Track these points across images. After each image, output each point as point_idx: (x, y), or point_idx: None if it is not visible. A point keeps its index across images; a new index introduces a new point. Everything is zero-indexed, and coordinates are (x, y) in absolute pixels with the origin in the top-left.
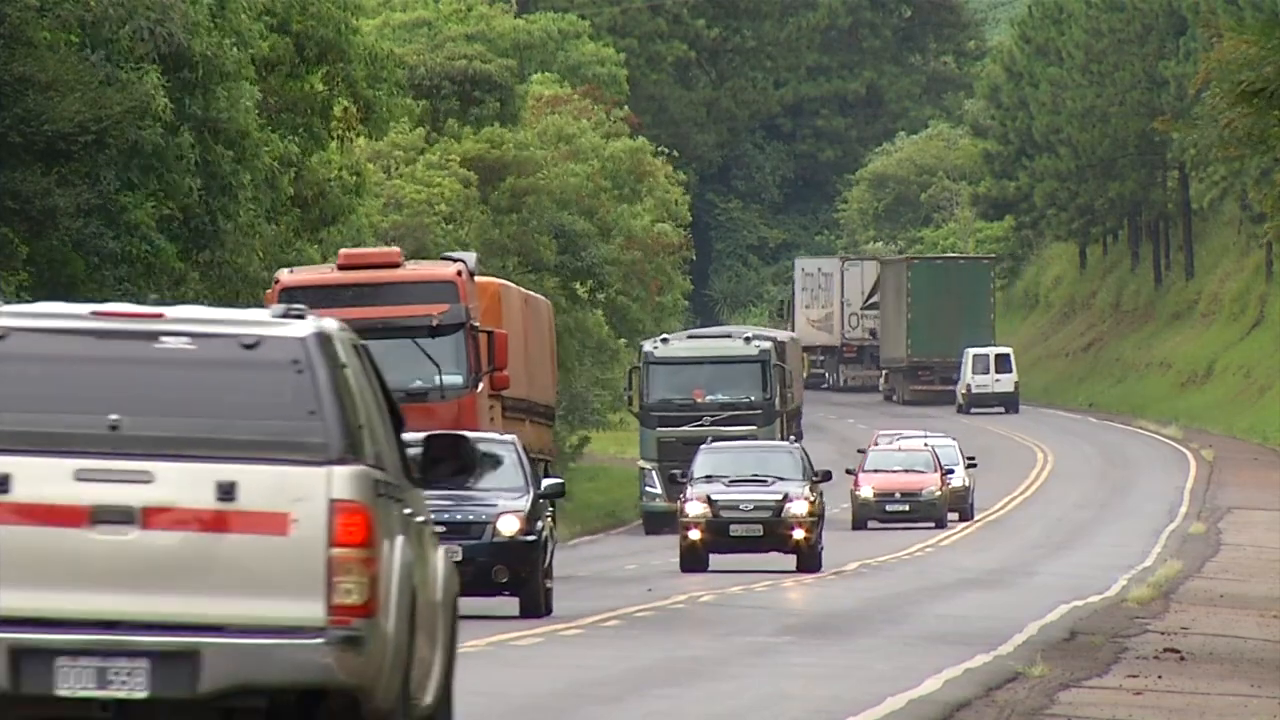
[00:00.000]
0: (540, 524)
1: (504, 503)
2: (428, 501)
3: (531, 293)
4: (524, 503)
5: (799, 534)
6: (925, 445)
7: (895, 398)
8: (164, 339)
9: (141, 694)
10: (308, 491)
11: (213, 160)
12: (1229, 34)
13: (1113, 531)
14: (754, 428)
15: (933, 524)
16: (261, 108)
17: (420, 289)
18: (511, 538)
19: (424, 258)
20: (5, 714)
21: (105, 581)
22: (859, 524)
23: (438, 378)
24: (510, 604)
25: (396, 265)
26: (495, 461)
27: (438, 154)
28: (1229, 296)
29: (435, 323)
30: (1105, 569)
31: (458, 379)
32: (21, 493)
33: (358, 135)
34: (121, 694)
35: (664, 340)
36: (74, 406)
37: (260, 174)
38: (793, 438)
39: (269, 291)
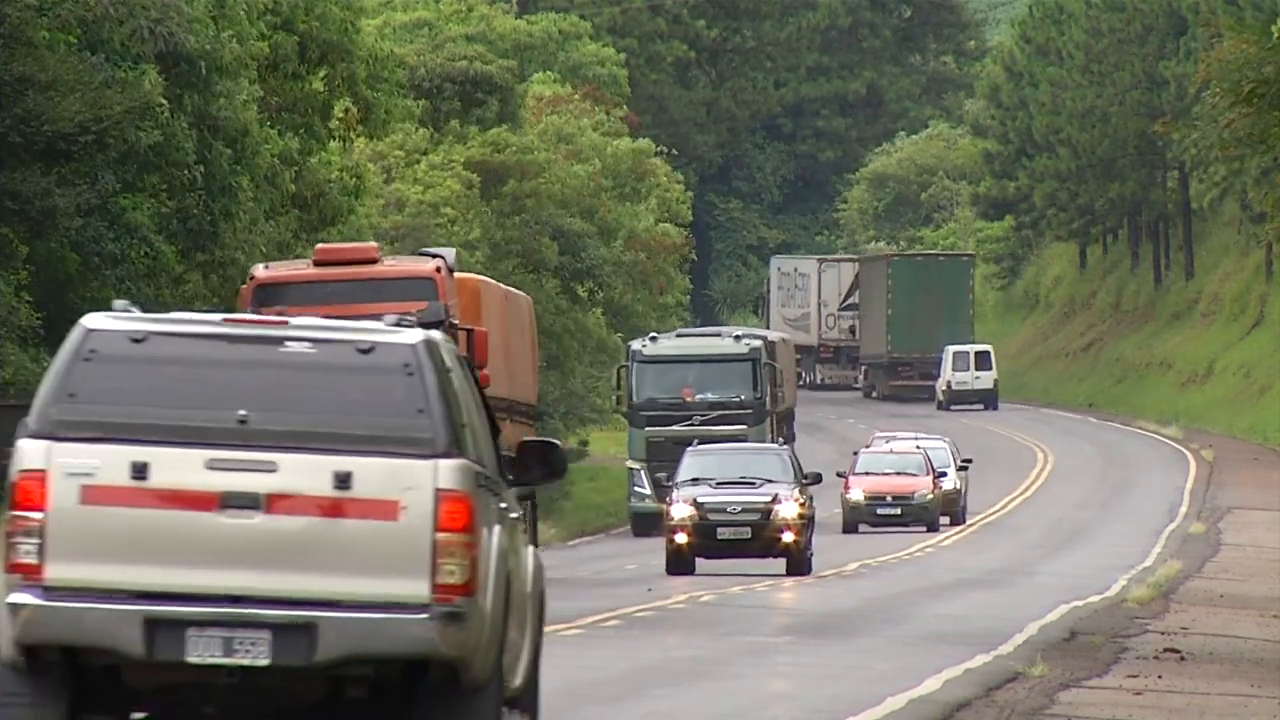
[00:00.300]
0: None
1: None
2: None
3: (511, 289)
4: None
5: (788, 537)
6: (917, 447)
7: (875, 394)
8: (288, 344)
9: (263, 662)
10: (416, 481)
11: (212, 159)
12: (1229, 34)
13: (1113, 531)
14: (744, 428)
15: (924, 527)
16: (262, 107)
17: (398, 285)
18: None
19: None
20: (140, 679)
21: (232, 560)
22: (849, 527)
23: None
24: None
25: (374, 261)
26: None
27: (441, 155)
28: (1229, 296)
29: (414, 320)
30: (1105, 569)
31: None
32: (158, 479)
33: (357, 136)
34: (245, 661)
35: (652, 339)
36: (206, 403)
37: (260, 172)
38: (781, 440)
39: (243, 287)
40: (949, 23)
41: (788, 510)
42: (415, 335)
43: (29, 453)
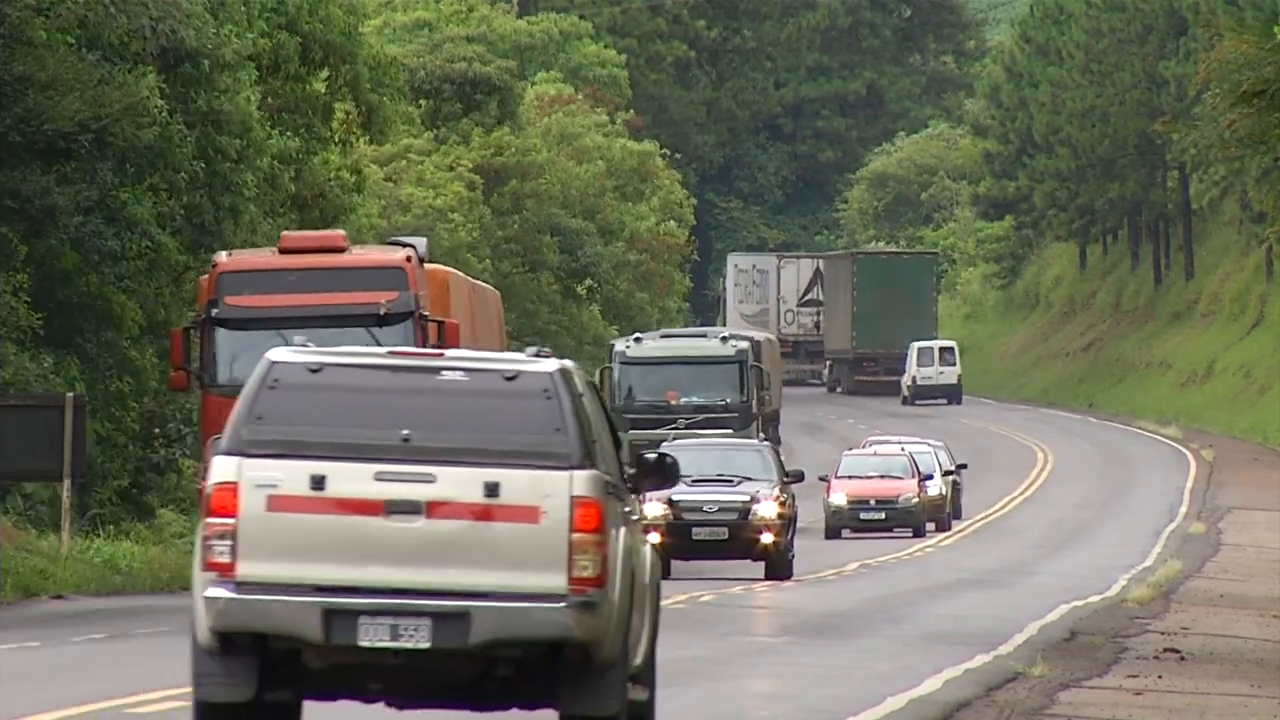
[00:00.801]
0: None
1: None
2: None
3: (479, 282)
4: None
5: (767, 538)
6: (902, 450)
7: (839, 388)
8: (444, 373)
9: (425, 645)
10: (554, 490)
11: (215, 157)
12: (1229, 34)
13: (1113, 531)
14: (729, 431)
15: (910, 532)
16: (263, 107)
17: (367, 275)
18: None
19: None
20: (318, 660)
21: (397, 559)
22: (832, 533)
23: None
24: None
25: (342, 250)
26: None
27: (448, 157)
28: (1229, 296)
29: (383, 311)
30: (1105, 569)
31: None
32: (333, 489)
33: (358, 139)
34: (409, 645)
35: (636, 339)
36: (374, 424)
37: (262, 170)
38: (763, 438)
39: (204, 276)
40: (949, 23)
41: (767, 510)
42: (553, 365)
43: (222, 467)
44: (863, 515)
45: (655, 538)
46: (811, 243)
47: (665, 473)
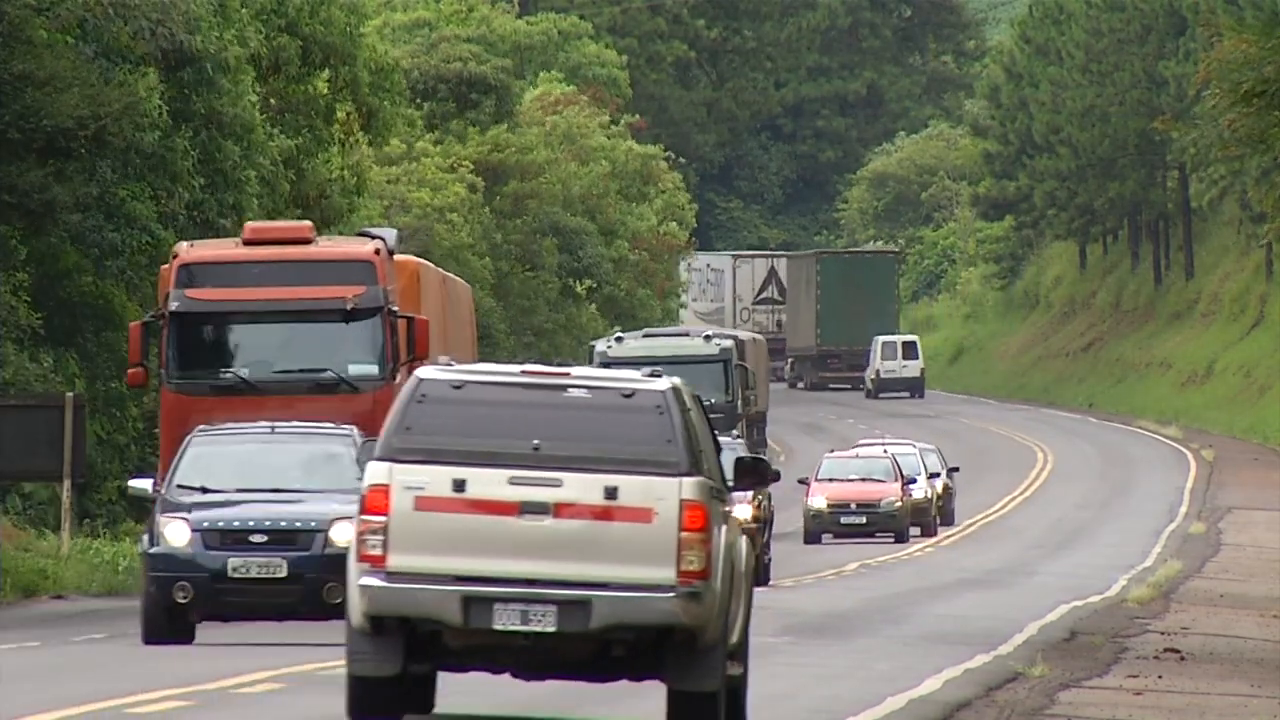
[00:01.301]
0: None
1: (338, 506)
2: (244, 502)
3: (450, 275)
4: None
5: None
6: (885, 452)
7: (801, 384)
8: (570, 390)
9: (550, 629)
10: (666, 494)
11: (218, 157)
12: (1229, 34)
13: (1113, 531)
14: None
15: (892, 537)
16: (264, 108)
17: (334, 268)
18: (348, 549)
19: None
20: (456, 640)
21: (528, 553)
22: (811, 538)
23: (351, 367)
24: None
25: (308, 241)
26: (328, 456)
27: (448, 159)
28: (1229, 296)
29: (350, 306)
30: (1105, 569)
31: (373, 369)
32: (473, 492)
33: (359, 141)
34: (537, 629)
35: (618, 339)
36: (508, 434)
37: (263, 169)
38: (736, 434)
39: (165, 266)
40: (949, 23)
41: (738, 512)
42: (665, 384)
43: (376, 471)
44: (843, 519)
45: None
46: (811, 243)
47: (759, 473)
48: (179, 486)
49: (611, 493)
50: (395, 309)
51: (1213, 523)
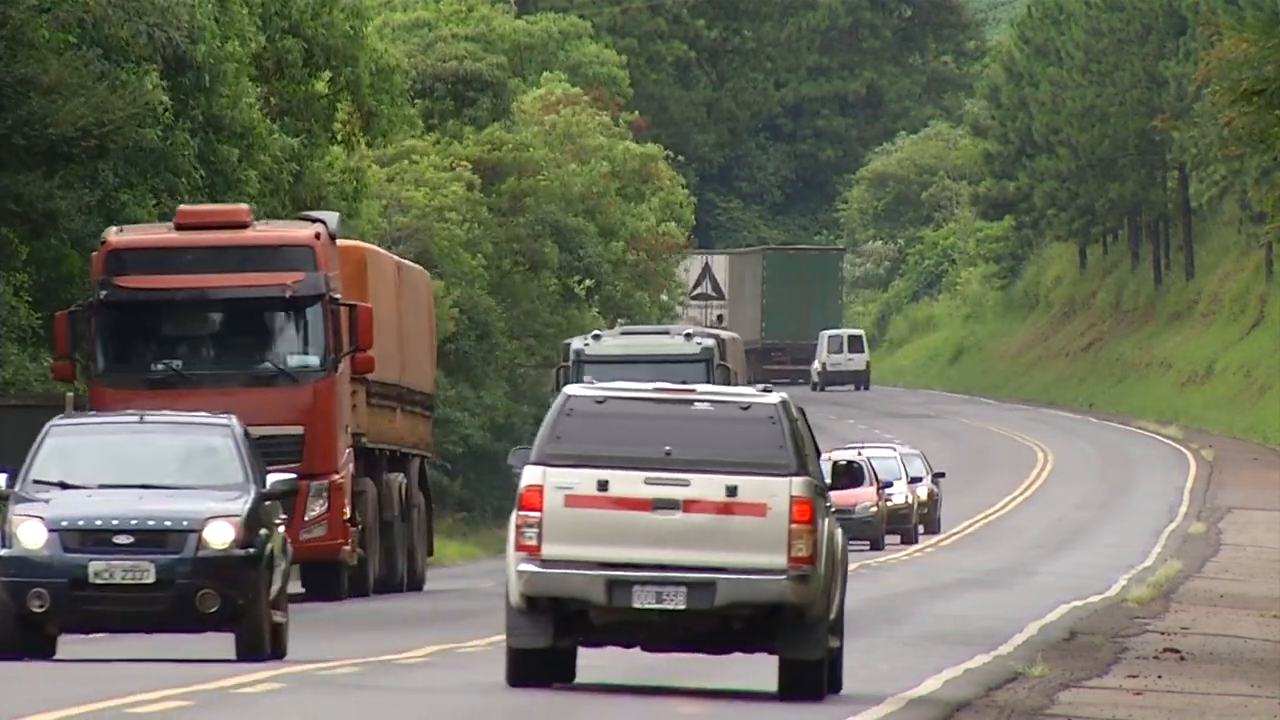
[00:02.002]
0: (266, 534)
1: (214, 504)
2: (108, 499)
3: (406, 261)
4: (241, 505)
5: None
6: (859, 454)
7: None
8: (696, 404)
9: (681, 607)
10: (778, 491)
11: (217, 158)
12: (1229, 33)
13: (1113, 531)
14: None
15: (867, 545)
16: (265, 109)
17: (272, 254)
18: (224, 552)
19: (428, 261)
20: (600, 617)
21: (661, 542)
22: None
23: (290, 358)
24: (224, 641)
25: (244, 226)
26: (205, 449)
27: (446, 159)
28: (1229, 296)
29: (289, 294)
30: (1105, 569)
31: (313, 360)
32: (614, 491)
33: (359, 143)
34: (669, 607)
35: (595, 337)
36: (644, 442)
37: (263, 169)
38: None
39: (95, 254)
40: (949, 23)
41: None
42: (776, 398)
43: (531, 474)
44: None
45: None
46: (811, 242)
47: (851, 475)
48: (35, 482)
49: (732, 491)
50: (337, 296)
51: (1213, 523)
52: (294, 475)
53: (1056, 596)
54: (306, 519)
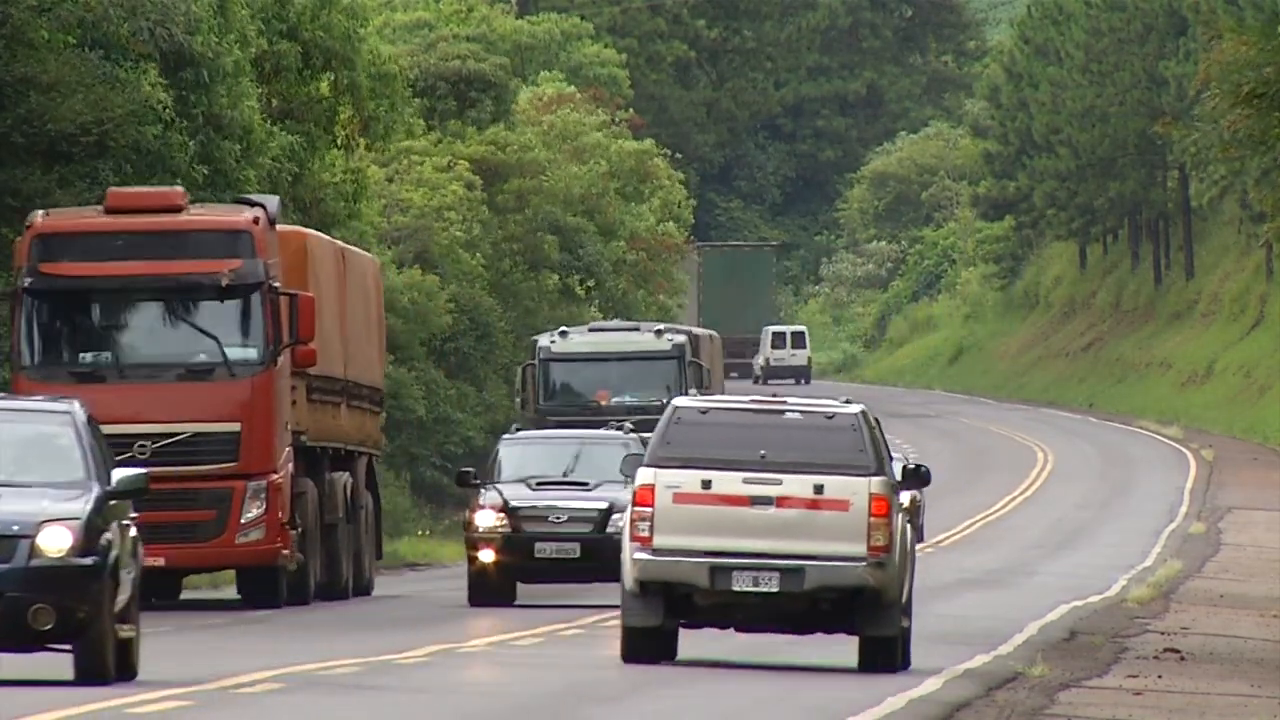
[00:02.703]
0: (110, 539)
1: (50, 505)
2: None
3: (352, 247)
4: (81, 506)
5: None
6: None
7: None
8: (787, 414)
9: (775, 590)
10: (859, 489)
11: (217, 157)
12: (1229, 34)
13: (1113, 531)
14: None
15: None
16: (265, 111)
17: (207, 240)
18: (60, 560)
19: (428, 261)
20: (704, 599)
21: (757, 534)
22: None
23: (227, 351)
24: (60, 662)
25: (178, 209)
26: (42, 440)
27: (445, 158)
28: (1229, 296)
29: (225, 282)
30: (1105, 569)
31: (252, 353)
32: (716, 489)
33: (358, 146)
34: (765, 589)
35: (562, 333)
36: (742, 446)
37: (263, 170)
38: (624, 427)
39: (18, 239)
40: (949, 23)
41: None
42: (856, 408)
43: (645, 474)
44: None
45: (489, 554)
46: (811, 243)
47: (920, 477)
48: None
49: (819, 489)
50: (277, 285)
51: (1213, 523)
52: (144, 471)
53: (1056, 596)
54: (243, 521)
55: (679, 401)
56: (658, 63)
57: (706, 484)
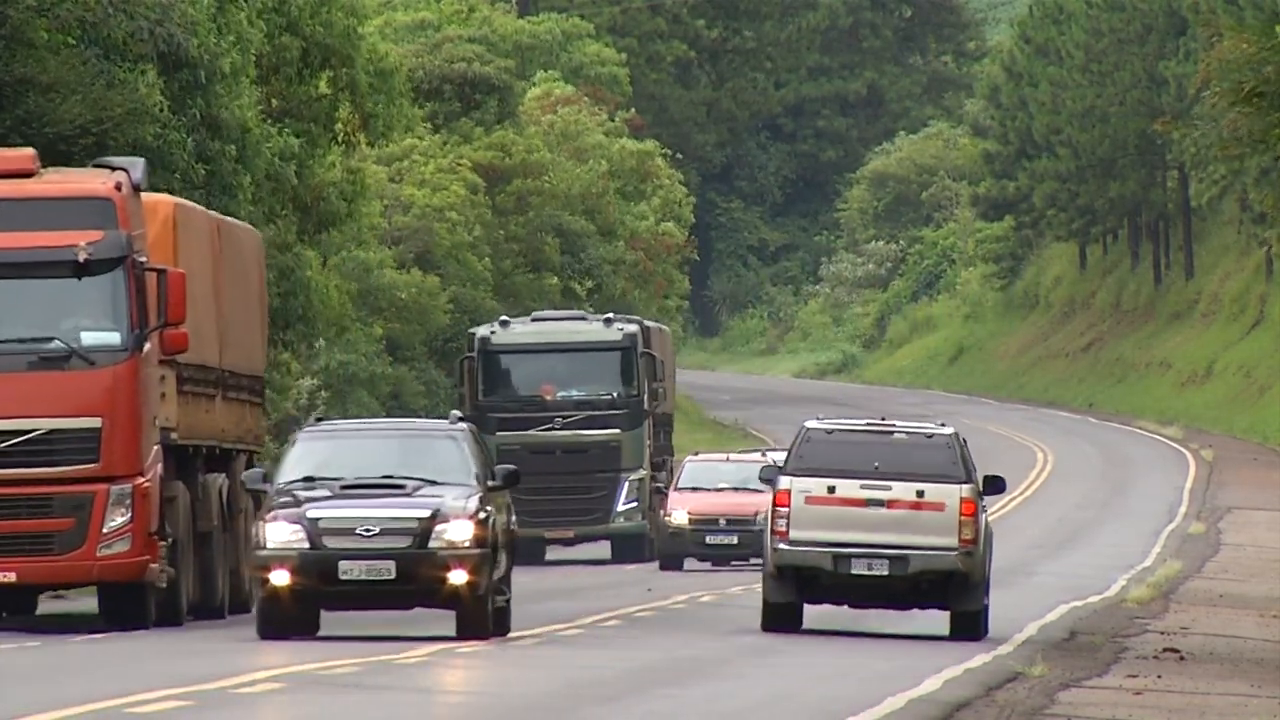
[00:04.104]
0: None
1: None
2: None
3: (229, 219)
4: None
5: (458, 577)
6: (763, 455)
7: None
8: (895, 434)
9: (884, 574)
10: (952, 495)
11: (213, 157)
12: (1229, 34)
13: (1113, 531)
14: (616, 431)
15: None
16: (265, 111)
17: (63, 209)
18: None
19: (430, 261)
20: (829, 580)
21: (871, 529)
22: (669, 562)
23: (85, 335)
24: None
25: (29, 174)
26: None
27: (448, 158)
28: (1229, 296)
29: (82, 256)
30: (1105, 569)
31: (113, 337)
32: (839, 493)
33: (358, 144)
34: (876, 573)
35: (503, 323)
36: (860, 460)
37: (260, 171)
38: (648, 442)
39: None
40: (949, 23)
41: (458, 532)
42: (951, 430)
43: (783, 482)
44: (709, 539)
45: (282, 576)
46: (811, 243)
47: (997, 485)
48: None
49: (920, 494)
50: (143, 260)
51: (1212, 523)
52: None
53: (1056, 596)
54: (105, 531)
55: (810, 424)
56: (658, 63)
57: (831, 489)
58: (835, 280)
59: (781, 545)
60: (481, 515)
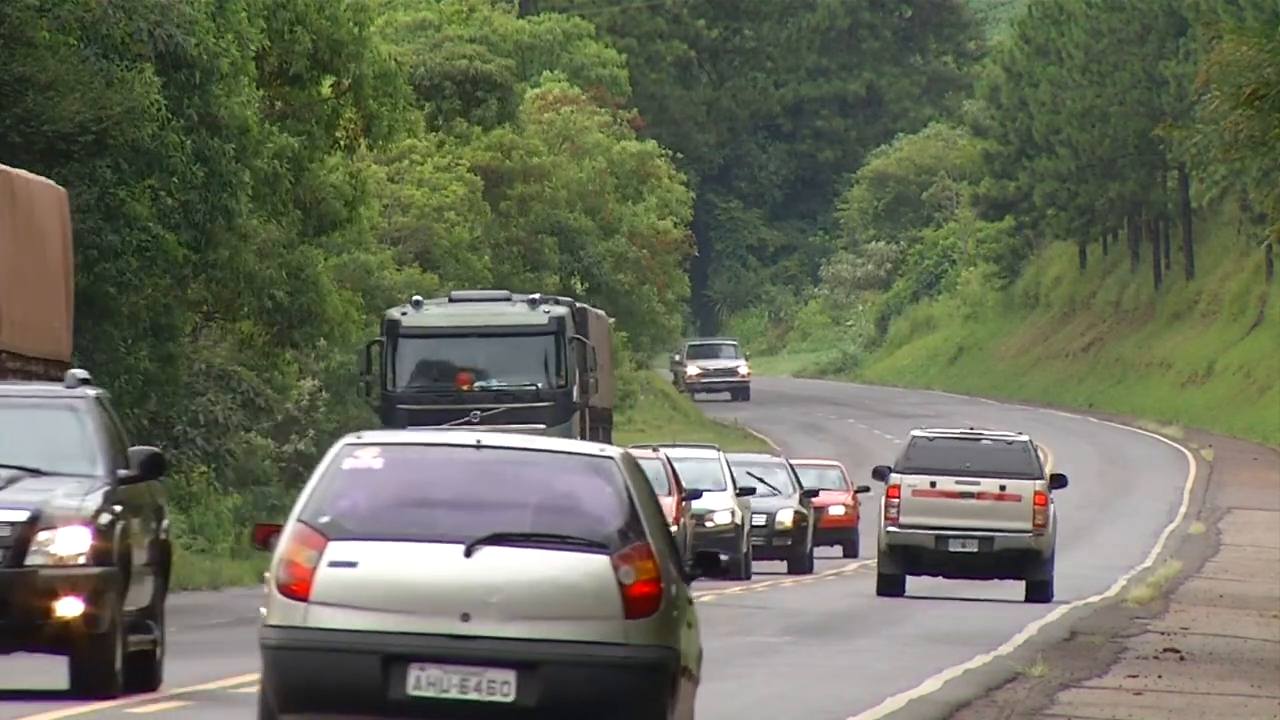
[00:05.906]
0: None
1: None
2: None
3: (38, 178)
4: None
5: (68, 607)
6: (655, 452)
7: None
8: (982, 441)
9: (974, 550)
10: (1027, 488)
11: (212, 157)
12: (1229, 35)
13: (1113, 531)
14: (543, 426)
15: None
16: (267, 112)
17: None
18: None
19: (430, 261)
20: (931, 557)
21: (964, 516)
22: None
23: None
24: None
25: None
26: None
27: (447, 158)
28: (1229, 296)
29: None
30: (1105, 569)
31: None
32: (938, 488)
33: (359, 147)
34: (967, 550)
35: (415, 304)
36: (955, 460)
37: (260, 172)
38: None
39: None
40: (949, 23)
41: (67, 543)
42: (1025, 438)
43: (894, 478)
44: None
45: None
46: (811, 243)
47: (1061, 481)
48: None
49: (1003, 488)
50: None
51: (1212, 523)
52: None
53: (1056, 596)
54: None
55: (915, 433)
56: (658, 62)
57: (932, 484)
58: (835, 281)
59: (892, 528)
60: (104, 519)
